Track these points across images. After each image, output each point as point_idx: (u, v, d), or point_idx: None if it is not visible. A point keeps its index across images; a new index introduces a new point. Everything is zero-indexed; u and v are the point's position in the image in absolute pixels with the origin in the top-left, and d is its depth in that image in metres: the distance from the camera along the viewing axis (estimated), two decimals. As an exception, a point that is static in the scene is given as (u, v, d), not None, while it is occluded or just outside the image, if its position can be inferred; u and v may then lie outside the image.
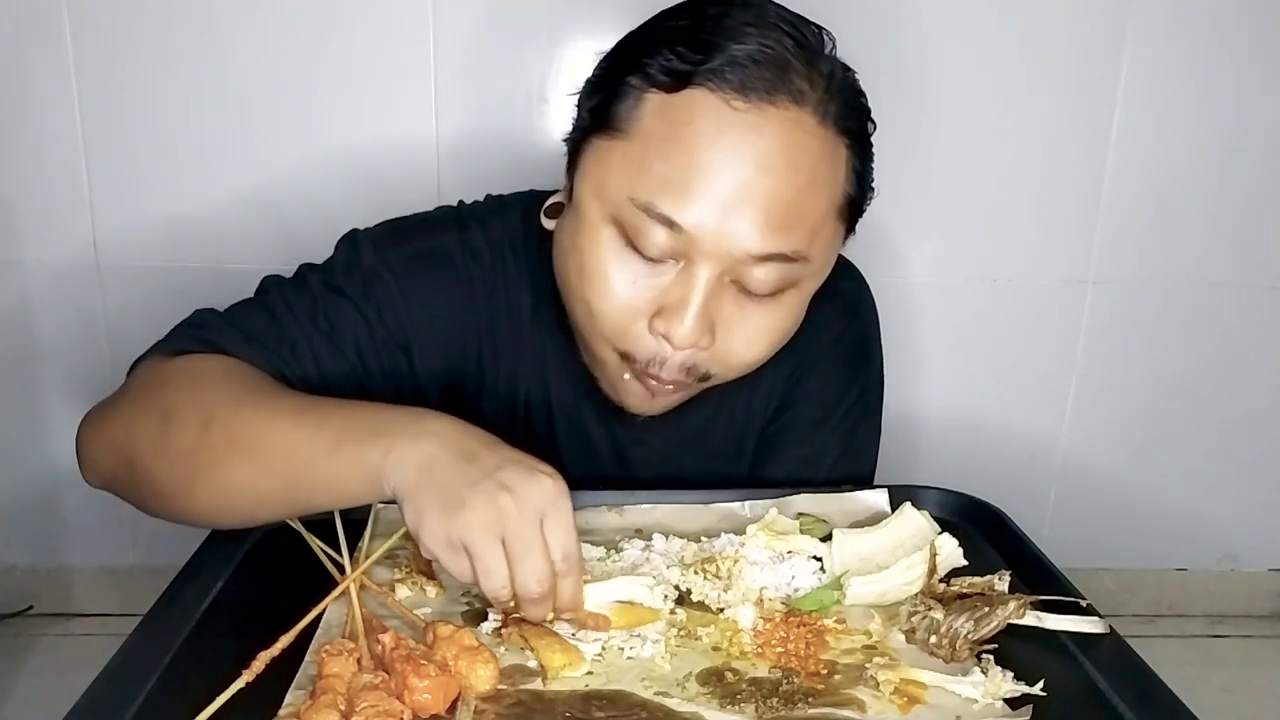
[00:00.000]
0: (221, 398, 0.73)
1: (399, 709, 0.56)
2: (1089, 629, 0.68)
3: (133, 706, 0.58)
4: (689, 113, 0.70)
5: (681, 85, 0.70)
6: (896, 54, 1.58)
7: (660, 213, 0.70)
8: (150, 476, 0.74)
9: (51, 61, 1.52)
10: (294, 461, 0.69)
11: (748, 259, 0.72)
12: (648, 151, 0.71)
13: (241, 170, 1.57)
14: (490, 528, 0.62)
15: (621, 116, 0.73)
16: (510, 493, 0.62)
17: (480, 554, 0.62)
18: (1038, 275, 1.73)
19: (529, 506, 0.62)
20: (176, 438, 0.72)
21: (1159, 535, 1.91)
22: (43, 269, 1.62)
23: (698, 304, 0.72)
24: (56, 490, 1.73)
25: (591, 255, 0.75)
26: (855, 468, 0.97)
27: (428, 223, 0.90)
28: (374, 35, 1.54)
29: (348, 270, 0.85)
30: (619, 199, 0.72)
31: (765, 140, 0.70)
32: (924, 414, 1.78)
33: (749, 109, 0.69)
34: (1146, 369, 1.80)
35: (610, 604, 0.67)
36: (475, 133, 1.58)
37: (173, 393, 0.75)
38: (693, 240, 0.71)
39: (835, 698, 0.61)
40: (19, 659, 1.70)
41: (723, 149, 0.69)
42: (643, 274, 0.73)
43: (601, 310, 0.75)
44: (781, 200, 0.71)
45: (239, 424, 0.71)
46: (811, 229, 0.73)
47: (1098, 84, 1.64)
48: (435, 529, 0.62)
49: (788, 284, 0.75)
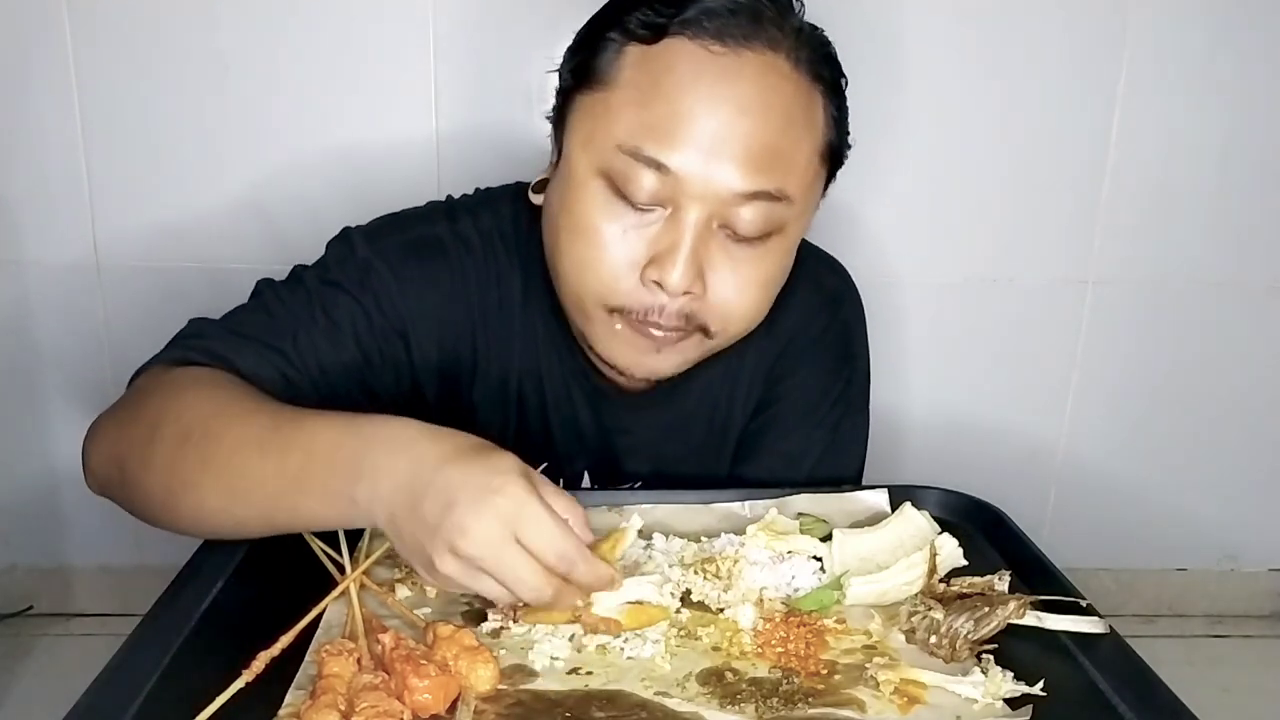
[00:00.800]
0: (198, 415, 0.73)
1: (399, 709, 0.56)
2: (1089, 629, 0.68)
3: (133, 706, 0.58)
4: (668, 60, 0.73)
5: (659, 36, 0.74)
6: (897, 54, 1.58)
7: (647, 155, 0.73)
8: (138, 487, 0.75)
9: (51, 61, 1.52)
10: (267, 495, 0.69)
11: (733, 198, 0.74)
12: (631, 99, 0.74)
13: (242, 170, 1.57)
14: (467, 573, 0.61)
15: (603, 70, 0.76)
16: (464, 536, 0.59)
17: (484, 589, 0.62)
18: (1038, 275, 1.73)
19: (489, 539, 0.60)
20: (158, 450, 0.73)
21: (1159, 535, 1.91)
22: (43, 269, 1.62)
23: (687, 247, 0.74)
24: (56, 490, 1.73)
25: (581, 209, 0.76)
26: (840, 465, 0.97)
27: (418, 215, 0.91)
28: (374, 35, 1.54)
29: (341, 264, 0.86)
30: (606, 147, 0.74)
31: (743, 83, 0.73)
32: (923, 414, 1.78)
33: (725, 53, 0.73)
34: (1146, 369, 1.80)
35: (620, 606, 0.66)
36: (475, 132, 1.58)
37: (157, 403, 0.76)
38: (680, 182, 0.73)
39: (835, 698, 0.61)
40: (19, 659, 1.70)
41: (703, 92, 0.72)
42: (632, 224, 0.75)
43: (593, 262, 0.76)
44: (761, 140, 0.73)
45: (210, 446, 0.71)
46: (792, 168, 0.76)
47: (1098, 84, 1.64)
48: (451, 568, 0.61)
49: (774, 226, 0.77)
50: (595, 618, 0.65)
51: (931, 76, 1.60)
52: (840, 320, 0.98)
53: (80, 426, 0.82)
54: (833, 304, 0.97)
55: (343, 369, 0.83)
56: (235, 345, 0.81)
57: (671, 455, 0.95)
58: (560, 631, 0.66)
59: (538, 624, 0.66)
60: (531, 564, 0.61)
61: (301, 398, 0.81)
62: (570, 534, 0.62)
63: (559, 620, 0.66)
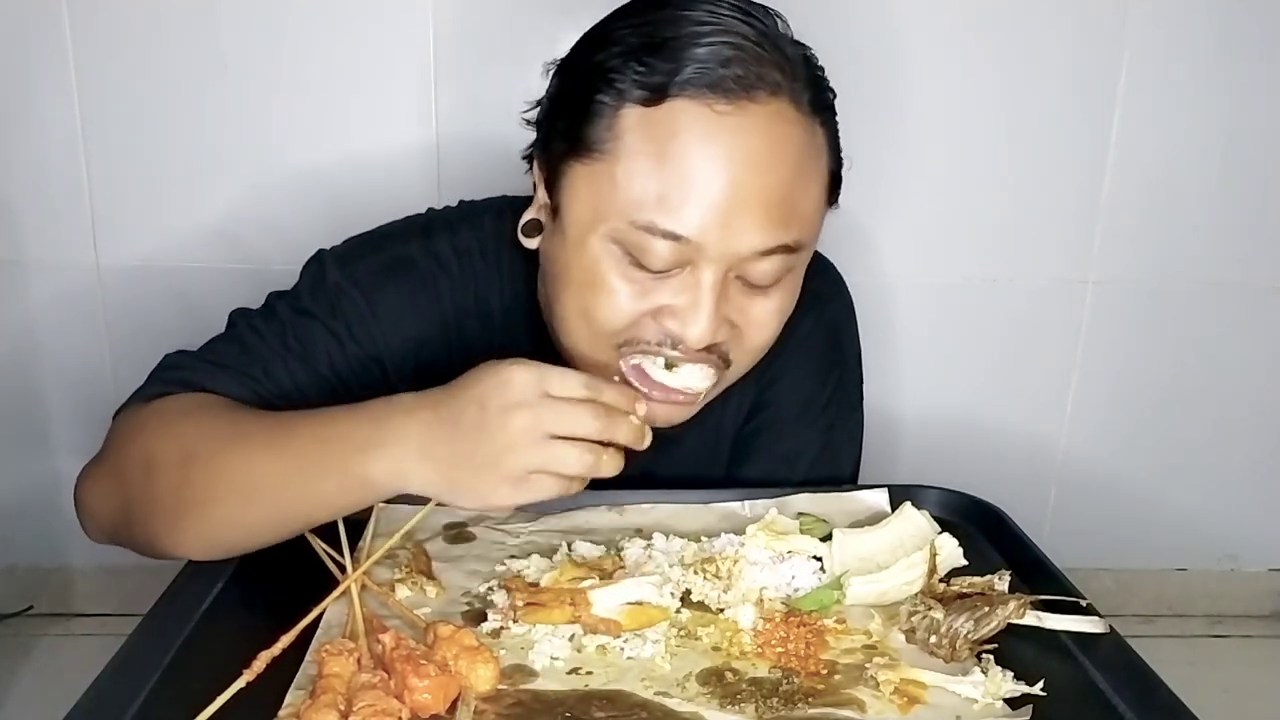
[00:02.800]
0: (198, 434, 0.74)
1: (398, 709, 0.56)
2: (1089, 629, 0.68)
3: (133, 706, 0.58)
4: (672, 125, 0.70)
5: (659, 98, 0.70)
6: (898, 54, 1.58)
7: (663, 229, 0.70)
8: (143, 523, 0.75)
9: (51, 61, 1.52)
10: (276, 492, 0.70)
11: (752, 256, 0.72)
12: (636, 170, 0.71)
13: (242, 171, 1.57)
14: (534, 442, 0.65)
15: (599, 137, 0.72)
16: (514, 410, 0.65)
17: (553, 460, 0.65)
18: (1038, 275, 1.73)
19: (532, 399, 0.65)
20: (160, 480, 0.73)
21: (1159, 535, 1.91)
22: (43, 269, 1.62)
23: (708, 305, 0.73)
24: (56, 490, 1.73)
25: (594, 271, 0.74)
26: (835, 465, 0.96)
27: (391, 234, 0.90)
28: (374, 39, 1.54)
29: (313, 291, 0.86)
30: (616, 223, 0.72)
31: (752, 138, 0.70)
32: (923, 414, 1.78)
33: (731, 110, 0.69)
34: (1146, 369, 1.80)
35: (620, 606, 0.66)
36: (475, 136, 1.58)
37: (150, 437, 0.76)
38: (698, 247, 0.71)
39: (835, 698, 0.61)
40: (19, 659, 1.70)
41: (713, 154, 0.70)
42: (649, 283, 0.74)
43: (607, 316, 0.75)
44: (777, 194, 0.71)
45: (217, 460, 0.72)
46: (805, 216, 0.75)
47: (1098, 84, 1.64)
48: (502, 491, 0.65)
49: (787, 270, 0.76)
50: (595, 618, 0.66)
51: (932, 77, 1.60)
52: (827, 320, 0.97)
53: (80, 427, 0.83)
54: (820, 305, 0.96)
55: (320, 396, 0.83)
56: (211, 374, 0.81)
57: (661, 466, 0.94)
58: (560, 631, 0.66)
59: (538, 624, 0.66)
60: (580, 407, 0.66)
61: None
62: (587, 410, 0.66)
63: (559, 620, 0.66)
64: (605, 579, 0.69)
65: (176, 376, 0.82)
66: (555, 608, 0.66)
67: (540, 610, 0.66)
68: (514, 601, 0.67)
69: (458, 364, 0.88)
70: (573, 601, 0.66)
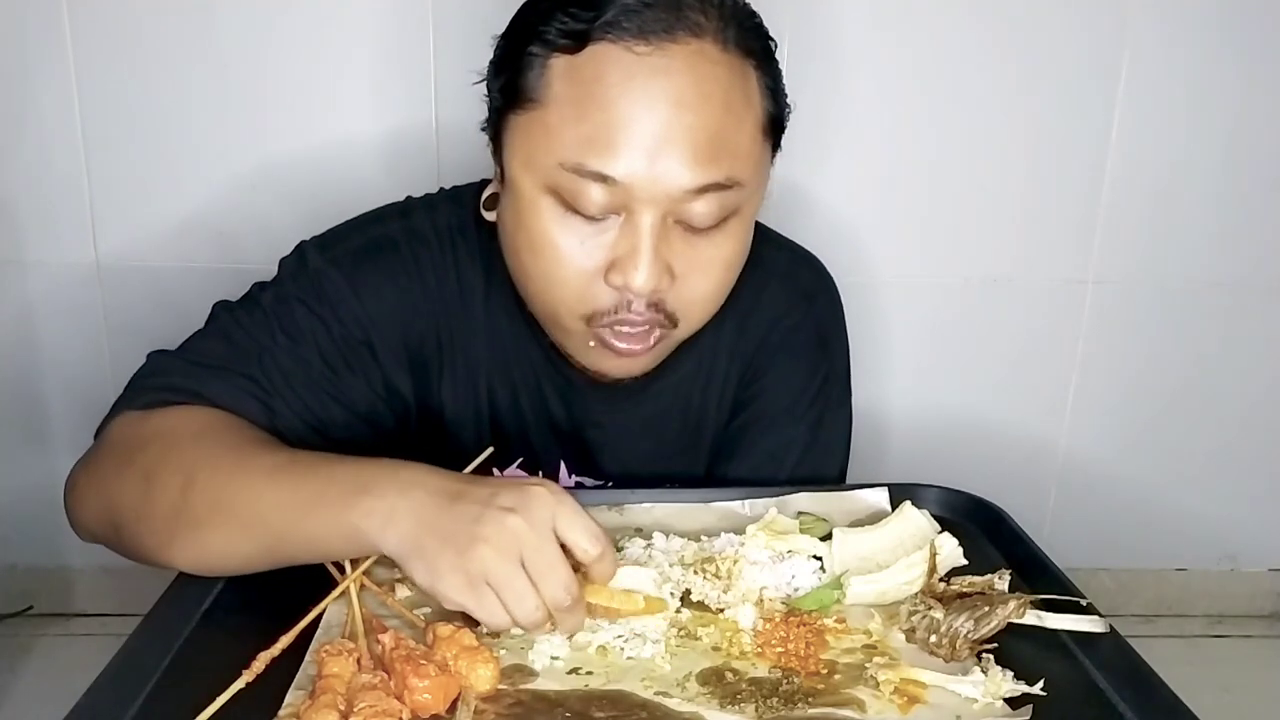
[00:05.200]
0: (199, 458, 0.74)
1: (398, 709, 0.57)
2: (1089, 628, 0.68)
3: (133, 706, 0.58)
4: (595, 69, 0.72)
5: (582, 44, 0.72)
6: (898, 54, 1.58)
7: (591, 170, 0.72)
8: (133, 538, 0.75)
9: (51, 61, 1.52)
10: (271, 524, 0.69)
11: (684, 195, 0.73)
12: (565, 115, 0.72)
13: (242, 170, 1.57)
14: (507, 553, 0.63)
15: (531, 87, 0.74)
16: (515, 512, 0.63)
17: (506, 581, 0.63)
18: (1038, 275, 1.73)
19: (538, 519, 0.63)
20: (158, 500, 0.73)
21: (1159, 535, 1.91)
22: (43, 269, 1.62)
23: (648, 249, 0.74)
24: (56, 490, 1.71)
25: (535, 228, 0.76)
26: (823, 461, 0.96)
27: (371, 217, 0.91)
28: (373, 33, 1.54)
29: (295, 278, 0.86)
30: (548, 166, 0.73)
31: (674, 78, 0.71)
32: (923, 414, 1.78)
33: (652, 51, 0.71)
34: (1146, 369, 1.80)
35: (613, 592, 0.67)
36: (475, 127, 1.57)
37: (152, 454, 0.76)
38: (628, 190, 0.72)
39: (835, 697, 0.61)
40: (19, 659, 1.70)
41: (636, 95, 0.71)
42: (588, 234, 0.75)
43: (558, 277, 0.76)
44: (704, 132, 0.72)
45: (217, 487, 0.72)
46: (738, 153, 0.75)
47: (1098, 84, 1.64)
48: (453, 575, 0.63)
49: (728, 212, 0.76)
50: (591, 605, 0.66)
51: (932, 77, 1.60)
52: (814, 317, 0.97)
53: (80, 426, 0.82)
54: (806, 300, 0.96)
55: (312, 384, 0.83)
56: (202, 378, 0.81)
57: (645, 451, 0.95)
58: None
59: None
60: (564, 562, 0.64)
61: (280, 420, 0.81)
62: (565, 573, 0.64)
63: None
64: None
65: (167, 383, 0.81)
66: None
67: None
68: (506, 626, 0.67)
69: (445, 342, 0.89)
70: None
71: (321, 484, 0.69)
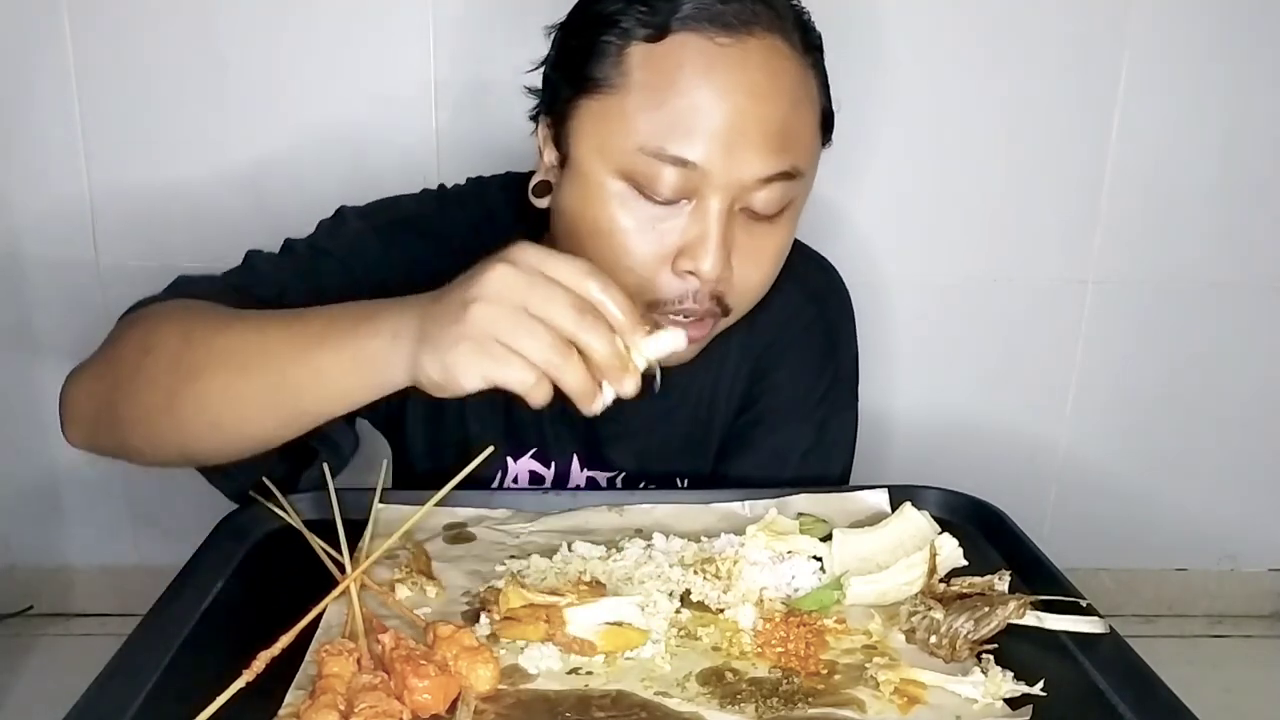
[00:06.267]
0: (201, 318, 0.73)
1: (398, 709, 0.56)
2: (1089, 629, 0.68)
3: (133, 706, 0.58)
4: (677, 57, 0.74)
5: (662, 34, 0.74)
6: (897, 55, 1.58)
7: (671, 154, 0.73)
8: (130, 406, 0.72)
9: (51, 61, 1.52)
10: (274, 362, 0.67)
11: (755, 183, 0.75)
12: (644, 101, 0.74)
13: (242, 170, 1.58)
14: (504, 301, 0.59)
15: (606, 73, 0.76)
16: (501, 269, 0.60)
17: (511, 326, 0.59)
18: (1038, 275, 1.73)
19: (524, 263, 0.60)
20: (156, 357, 0.71)
21: (1159, 535, 1.91)
22: (42, 268, 1.62)
23: (717, 235, 0.75)
24: (56, 490, 1.73)
25: (605, 212, 0.77)
26: (827, 462, 0.96)
27: (409, 198, 0.93)
28: (374, 31, 1.54)
29: (333, 234, 0.88)
30: (625, 150, 0.75)
31: (752, 69, 0.74)
32: (923, 414, 1.78)
33: (732, 42, 0.74)
34: (1146, 369, 1.80)
35: (597, 626, 0.65)
36: (475, 125, 1.58)
37: (153, 322, 0.75)
38: (704, 174, 0.74)
39: (835, 698, 0.61)
40: (19, 659, 1.70)
41: (717, 84, 0.73)
42: (657, 218, 0.76)
43: (624, 263, 0.77)
44: (776, 122, 0.75)
45: (219, 335, 0.70)
46: (802, 145, 0.78)
47: (1098, 84, 1.64)
48: (458, 346, 0.60)
49: (788, 201, 0.79)
50: (569, 637, 0.64)
51: (932, 77, 1.60)
52: (825, 317, 0.98)
53: (80, 426, 0.82)
54: (818, 301, 0.98)
55: None
56: (222, 294, 0.80)
57: (655, 446, 0.95)
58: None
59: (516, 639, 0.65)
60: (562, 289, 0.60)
61: None
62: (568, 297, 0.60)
63: (534, 637, 0.64)
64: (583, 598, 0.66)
65: (186, 289, 0.81)
66: (530, 624, 0.65)
67: (516, 625, 0.65)
68: (491, 617, 0.67)
69: None
70: (547, 619, 0.64)
71: (324, 321, 0.68)
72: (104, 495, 1.73)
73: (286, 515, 0.79)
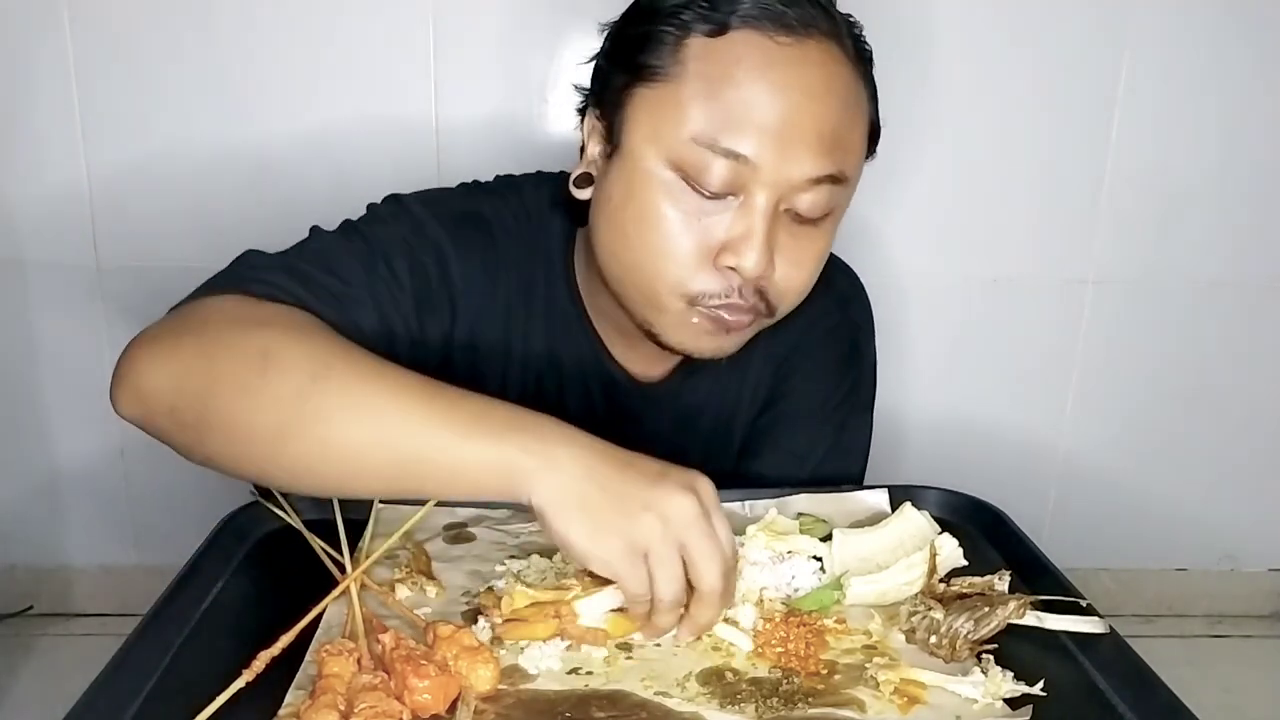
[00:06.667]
0: (336, 353, 0.69)
1: (398, 709, 0.56)
2: (1089, 629, 0.68)
3: (133, 706, 0.58)
4: (736, 52, 0.74)
5: (722, 30, 0.74)
6: (896, 54, 1.58)
7: (724, 147, 0.73)
8: (232, 421, 0.67)
9: (51, 61, 1.52)
10: (419, 438, 0.64)
11: (803, 184, 0.75)
12: (699, 91, 0.74)
13: (242, 170, 1.57)
14: (672, 531, 0.62)
15: (663, 64, 0.76)
16: (689, 493, 0.63)
17: (664, 558, 0.62)
18: (1038, 275, 1.73)
19: (709, 503, 0.64)
20: (279, 381, 0.66)
21: (1159, 535, 1.91)
22: (43, 269, 1.62)
23: (762, 232, 0.75)
24: (56, 490, 1.73)
25: (651, 200, 0.77)
26: (845, 464, 0.97)
27: (459, 191, 0.92)
28: (374, 30, 1.54)
29: (397, 219, 0.86)
30: (679, 139, 0.75)
31: (808, 70, 0.75)
32: (923, 414, 1.78)
33: (792, 43, 0.74)
34: (1146, 369, 1.80)
35: (605, 615, 0.65)
36: (474, 122, 1.58)
37: (274, 334, 0.70)
38: (754, 169, 0.74)
39: (835, 698, 0.61)
40: (19, 659, 1.70)
41: (773, 81, 0.73)
42: (704, 210, 0.76)
43: (667, 250, 0.77)
44: (828, 124, 0.75)
45: (361, 382, 0.67)
46: (851, 150, 0.78)
47: (1098, 84, 1.64)
48: (615, 538, 0.62)
49: (832, 206, 0.79)
50: (581, 629, 0.64)
51: (931, 78, 1.60)
52: (850, 320, 0.99)
53: (80, 426, 0.82)
54: (843, 304, 0.99)
55: (403, 322, 0.82)
56: (309, 286, 0.78)
57: (678, 447, 0.95)
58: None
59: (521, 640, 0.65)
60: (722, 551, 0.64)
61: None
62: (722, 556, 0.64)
63: (542, 635, 0.64)
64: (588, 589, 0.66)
65: (273, 281, 0.77)
66: (538, 622, 0.65)
67: (523, 626, 0.65)
68: (492, 621, 0.66)
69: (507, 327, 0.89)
70: (557, 614, 0.65)
71: (478, 411, 0.66)
72: (104, 495, 1.73)
73: (286, 515, 0.79)
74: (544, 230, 0.90)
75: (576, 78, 0.85)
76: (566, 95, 1.55)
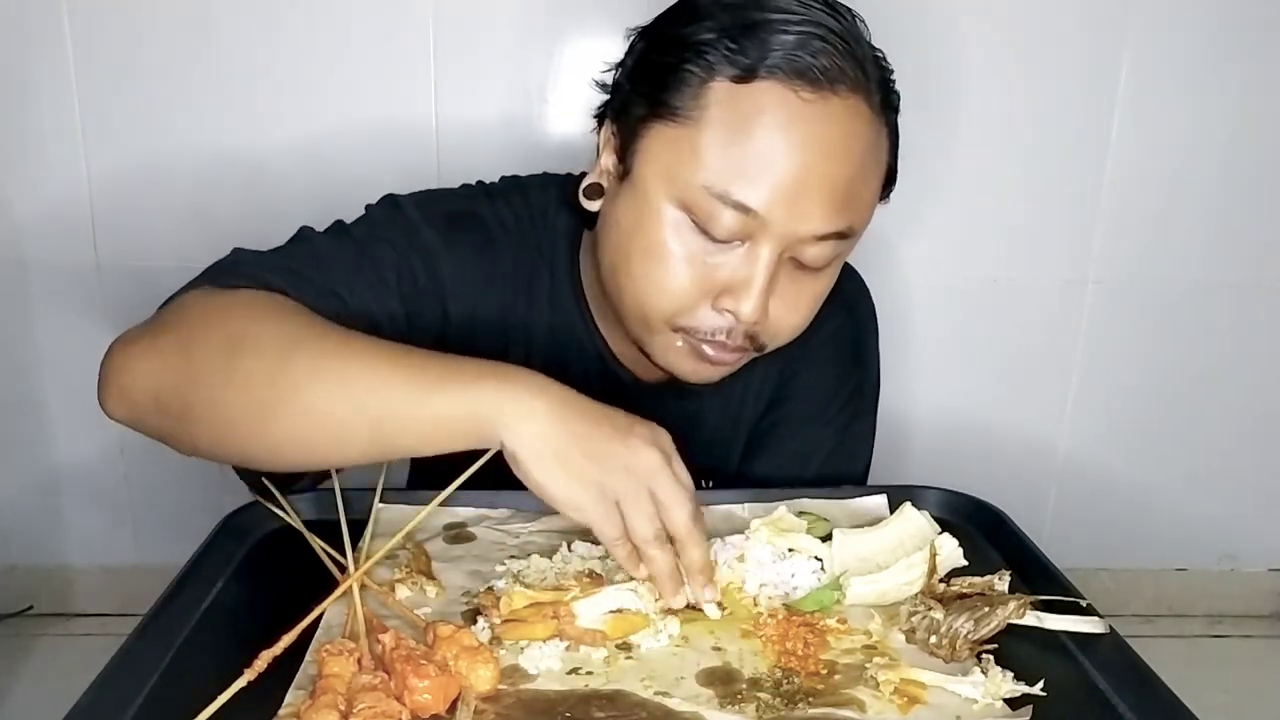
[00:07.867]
0: (300, 327, 0.71)
1: (398, 709, 0.56)
2: (1089, 629, 0.68)
3: (133, 706, 0.58)
4: (758, 104, 0.73)
5: (749, 78, 0.73)
6: (894, 55, 1.58)
7: (735, 199, 0.73)
8: (212, 407, 0.69)
9: (51, 61, 1.52)
10: (390, 396, 0.66)
11: (810, 239, 0.75)
12: (717, 139, 0.73)
13: (243, 169, 1.58)
14: (639, 478, 0.66)
15: (685, 104, 0.75)
16: (653, 445, 0.67)
17: (637, 499, 0.65)
18: (1038, 275, 1.73)
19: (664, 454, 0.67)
20: (251, 364, 0.68)
21: (1159, 535, 1.91)
22: (43, 269, 1.62)
23: (763, 282, 0.75)
24: (56, 490, 1.73)
25: (658, 236, 0.76)
26: (848, 466, 0.97)
27: (460, 193, 0.92)
28: (374, 30, 1.54)
29: (388, 221, 0.86)
30: (690, 185, 0.74)
31: (830, 128, 0.73)
32: (923, 414, 1.78)
33: (815, 99, 0.73)
34: (1146, 369, 1.80)
35: (603, 616, 0.66)
36: (474, 123, 1.58)
37: (240, 321, 0.72)
38: (763, 223, 0.74)
39: (835, 698, 0.61)
40: (19, 659, 1.70)
41: (792, 138, 0.73)
42: (708, 252, 0.76)
43: (667, 287, 0.77)
44: (843, 183, 0.75)
45: (328, 353, 0.69)
46: (861, 206, 0.78)
47: (1098, 84, 1.64)
48: (589, 487, 0.65)
49: (836, 257, 0.79)
50: (580, 630, 0.65)
51: (931, 79, 1.60)
52: (854, 323, 0.99)
53: (80, 426, 0.82)
54: (848, 307, 0.98)
55: (389, 322, 0.82)
56: (292, 281, 0.78)
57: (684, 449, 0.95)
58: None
59: (520, 640, 0.65)
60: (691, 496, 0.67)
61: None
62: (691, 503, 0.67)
63: (541, 635, 0.65)
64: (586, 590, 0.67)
65: (253, 274, 0.78)
66: (537, 623, 0.65)
67: (522, 626, 0.65)
68: (491, 621, 0.66)
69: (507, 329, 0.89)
70: (555, 615, 0.65)
71: (445, 367, 0.68)
72: (104, 495, 1.73)
73: (287, 515, 0.79)
74: (549, 230, 0.90)
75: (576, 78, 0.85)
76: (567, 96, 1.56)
